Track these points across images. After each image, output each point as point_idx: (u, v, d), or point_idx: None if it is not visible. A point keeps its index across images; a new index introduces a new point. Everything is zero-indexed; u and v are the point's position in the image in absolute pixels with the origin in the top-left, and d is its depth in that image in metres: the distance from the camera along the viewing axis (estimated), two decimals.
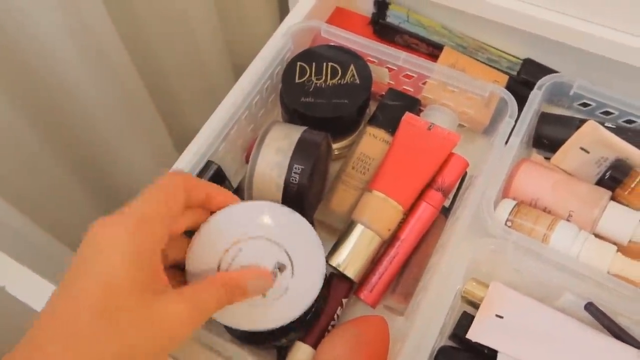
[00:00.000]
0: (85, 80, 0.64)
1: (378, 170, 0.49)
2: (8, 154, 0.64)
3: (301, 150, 0.45)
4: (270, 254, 0.38)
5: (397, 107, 0.54)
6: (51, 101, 0.66)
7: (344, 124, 0.53)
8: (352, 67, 0.52)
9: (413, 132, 0.49)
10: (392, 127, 0.52)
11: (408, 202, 0.48)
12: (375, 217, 0.46)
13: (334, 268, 0.46)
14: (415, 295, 0.46)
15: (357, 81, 0.52)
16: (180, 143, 0.84)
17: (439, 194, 0.48)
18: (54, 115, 0.68)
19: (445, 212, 0.50)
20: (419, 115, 0.55)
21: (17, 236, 0.61)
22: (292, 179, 0.44)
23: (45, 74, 0.62)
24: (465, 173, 0.52)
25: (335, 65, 0.53)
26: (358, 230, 0.46)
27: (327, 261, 0.46)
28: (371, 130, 0.53)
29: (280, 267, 0.37)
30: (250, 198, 0.46)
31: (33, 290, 0.42)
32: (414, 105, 0.54)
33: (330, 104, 0.50)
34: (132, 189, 0.78)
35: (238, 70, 0.56)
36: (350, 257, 0.46)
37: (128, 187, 0.80)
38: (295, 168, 0.44)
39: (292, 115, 0.52)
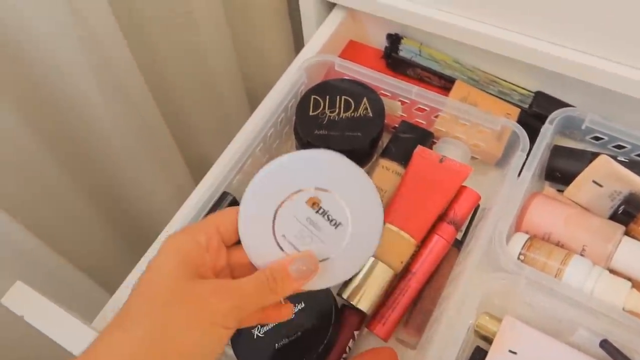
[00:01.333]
0: (104, 111, 0.66)
1: (390, 202, 0.49)
2: (28, 182, 0.66)
3: None
4: (331, 204, 0.34)
5: (410, 139, 0.54)
6: (71, 132, 0.68)
7: (356, 157, 0.53)
8: (365, 100, 0.53)
9: (425, 165, 0.50)
10: (404, 159, 0.53)
11: (420, 235, 0.48)
12: (388, 250, 0.47)
13: (346, 300, 0.46)
14: (428, 328, 0.46)
15: (370, 114, 0.53)
16: (196, 172, 0.86)
17: (451, 227, 0.48)
18: (74, 145, 0.70)
19: (458, 245, 0.50)
20: (431, 148, 0.55)
21: (35, 264, 0.62)
22: None
23: (66, 105, 0.64)
24: (478, 206, 0.52)
25: (349, 98, 0.54)
26: (371, 263, 0.46)
27: (339, 294, 0.47)
28: (384, 162, 0.53)
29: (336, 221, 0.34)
30: None
31: (52, 320, 0.43)
32: (426, 137, 0.55)
33: (343, 137, 0.51)
34: (150, 217, 0.80)
35: (253, 100, 0.58)
36: (363, 290, 0.46)
37: (146, 215, 0.81)
38: None
39: (306, 147, 0.53)
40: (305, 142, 0.53)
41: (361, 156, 0.54)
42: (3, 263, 0.55)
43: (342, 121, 0.52)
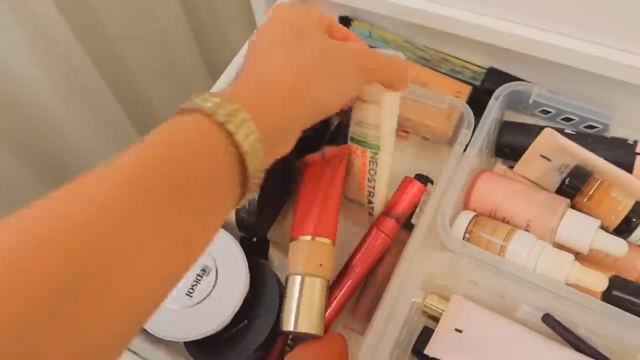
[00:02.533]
0: (63, 108, 0.66)
1: (294, 216, 0.47)
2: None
3: None
4: None
5: None
6: (36, 135, 0.68)
7: (302, 149, 0.53)
8: None
9: (312, 170, 0.49)
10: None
11: (333, 232, 0.46)
12: (308, 261, 0.44)
13: (293, 332, 0.43)
14: (374, 314, 0.46)
15: None
16: None
17: (391, 221, 0.48)
18: (41, 147, 0.70)
19: (410, 227, 0.50)
20: None
21: None
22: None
23: (31, 112, 0.64)
24: (431, 181, 0.51)
25: None
26: (297, 282, 0.43)
27: (281, 330, 0.44)
28: (331, 150, 0.53)
29: (205, 269, 0.39)
30: None
31: None
32: None
33: None
34: None
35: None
36: (301, 312, 0.43)
37: None
38: None
39: None
40: None
41: (308, 147, 0.53)
42: None
43: None
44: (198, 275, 0.43)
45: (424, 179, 0.50)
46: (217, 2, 0.79)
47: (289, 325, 0.42)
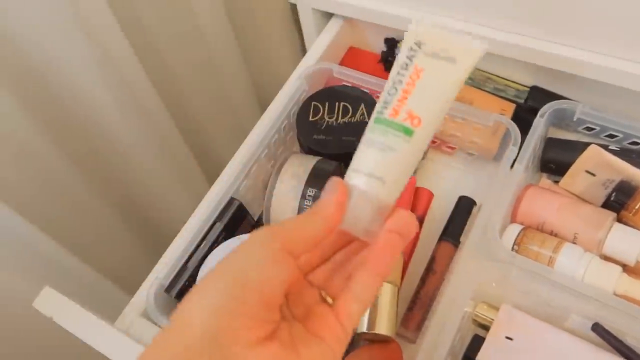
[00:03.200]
0: (124, 128, 0.71)
1: None
2: (57, 197, 0.71)
3: (315, 176, 0.49)
4: None
5: None
6: (95, 148, 0.73)
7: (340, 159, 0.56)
8: (362, 106, 0.56)
9: None
10: None
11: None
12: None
13: (368, 334, 0.46)
14: (426, 322, 0.48)
15: (367, 119, 0.55)
16: (214, 179, 0.90)
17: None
18: (99, 160, 0.74)
19: (456, 242, 0.52)
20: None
21: (66, 272, 0.67)
22: (305, 203, 0.48)
23: (89, 123, 0.68)
24: (474, 202, 0.54)
25: (347, 104, 0.56)
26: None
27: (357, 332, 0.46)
28: None
29: None
30: (269, 220, 0.50)
31: (78, 321, 0.47)
32: None
33: (340, 141, 0.54)
34: (171, 225, 0.84)
35: (265, 109, 0.61)
36: (378, 316, 0.45)
37: (168, 224, 0.85)
38: (309, 191, 0.48)
39: (307, 152, 0.56)
40: (305, 146, 0.56)
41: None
42: (32, 269, 0.60)
43: (340, 126, 0.55)
44: None
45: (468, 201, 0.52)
46: (266, 27, 0.84)
47: (362, 327, 0.45)
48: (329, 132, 0.55)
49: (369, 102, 0.56)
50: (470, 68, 0.30)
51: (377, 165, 0.29)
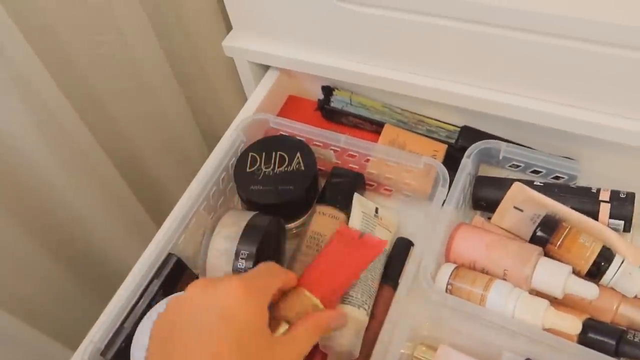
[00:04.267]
0: (68, 183, 0.70)
1: (308, 272, 0.49)
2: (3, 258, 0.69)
3: (247, 235, 0.49)
4: None
5: (343, 183, 0.58)
6: (40, 206, 0.72)
7: (294, 207, 0.57)
8: (298, 154, 0.57)
9: (345, 240, 0.52)
10: (339, 202, 0.56)
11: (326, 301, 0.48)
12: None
13: None
14: None
15: (302, 167, 0.56)
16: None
17: None
18: (45, 218, 0.74)
19: (395, 284, 0.53)
20: (364, 189, 0.59)
21: (16, 340, 0.65)
22: (239, 265, 0.48)
23: (33, 182, 0.68)
24: (412, 243, 0.55)
25: (283, 153, 0.57)
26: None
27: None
28: (320, 208, 0.57)
29: None
30: None
31: None
32: (358, 180, 0.59)
33: (277, 191, 0.55)
34: (124, 276, 0.83)
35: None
36: None
37: (120, 275, 0.84)
38: (242, 253, 0.48)
39: (246, 202, 0.57)
40: (244, 198, 0.56)
41: (299, 206, 0.57)
42: None
43: (277, 176, 0.56)
44: None
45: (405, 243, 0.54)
46: (212, 78, 0.86)
47: None
48: (266, 182, 0.56)
49: (305, 150, 0.57)
50: None
51: None
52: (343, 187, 0.58)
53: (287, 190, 0.55)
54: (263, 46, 0.65)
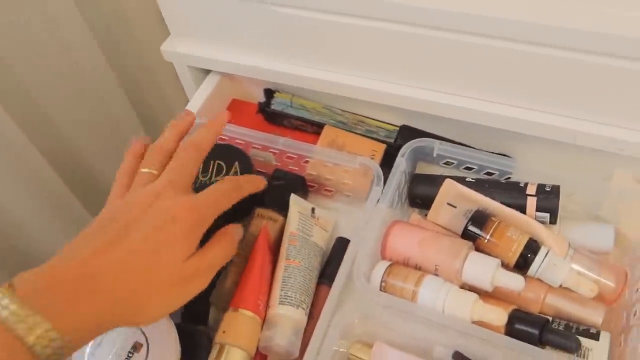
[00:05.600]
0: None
1: (241, 288, 0.51)
2: None
3: None
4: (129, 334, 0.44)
5: (283, 185, 0.58)
6: None
7: (231, 214, 0.56)
8: (236, 163, 0.57)
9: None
10: (277, 205, 0.56)
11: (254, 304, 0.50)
12: (244, 335, 0.48)
13: None
14: None
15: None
16: None
17: None
18: None
19: (329, 282, 0.53)
20: (307, 192, 0.60)
21: None
22: None
23: None
24: (348, 241, 0.56)
25: (221, 162, 0.57)
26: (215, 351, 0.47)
27: None
28: (259, 211, 0.57)
29: (137, 346, 0.41)
30: None
31: None
32: (298, 181, 0.59)
33: None
34: None
35: None
36: None
37: None
38: None
39: None
40: None
41: (238, 214, 0.57)
42: None
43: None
44: (129, 352, 0.44)
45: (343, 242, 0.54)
46: (162, 84, 0.85)
47: None
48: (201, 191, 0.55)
49: (242, 159, 0.57)
50: None
51: None
52: (283, 188, 0.58)
53: None
54: (202, 51, 0.65)
